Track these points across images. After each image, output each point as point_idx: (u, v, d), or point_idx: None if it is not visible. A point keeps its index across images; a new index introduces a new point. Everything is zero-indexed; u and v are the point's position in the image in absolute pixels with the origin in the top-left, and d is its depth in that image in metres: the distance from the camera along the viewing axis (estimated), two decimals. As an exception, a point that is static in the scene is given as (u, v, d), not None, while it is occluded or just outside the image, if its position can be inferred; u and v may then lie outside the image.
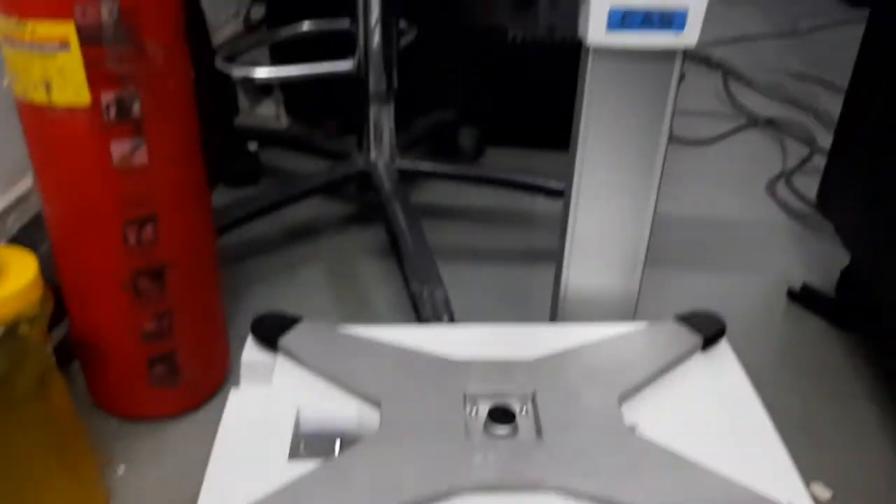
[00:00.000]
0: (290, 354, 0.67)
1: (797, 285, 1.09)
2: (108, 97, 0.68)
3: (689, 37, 0.65)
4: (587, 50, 0.68)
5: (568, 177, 0.75)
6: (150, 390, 0.81)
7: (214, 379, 0.87)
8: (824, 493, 0.79)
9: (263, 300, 1.04)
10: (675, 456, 0.56)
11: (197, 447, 0.56)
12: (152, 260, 0.75)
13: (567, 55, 0.69)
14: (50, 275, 0.70)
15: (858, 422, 0.89)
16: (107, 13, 0.66)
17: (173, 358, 0.80)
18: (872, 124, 0.96)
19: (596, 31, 0.64)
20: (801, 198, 1.34)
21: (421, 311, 0.90)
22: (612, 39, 0.65)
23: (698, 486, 0.54)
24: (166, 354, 0.80)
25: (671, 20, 0.63)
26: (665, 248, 1.19)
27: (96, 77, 0.67)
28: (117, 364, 0.80)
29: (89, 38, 0.66)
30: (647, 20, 0.63)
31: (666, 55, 0.68)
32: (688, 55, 0.66)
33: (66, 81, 0.67)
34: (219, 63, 1.07)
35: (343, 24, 1.10)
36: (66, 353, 0.83)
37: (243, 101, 1.52)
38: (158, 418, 0.84)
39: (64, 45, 0.66)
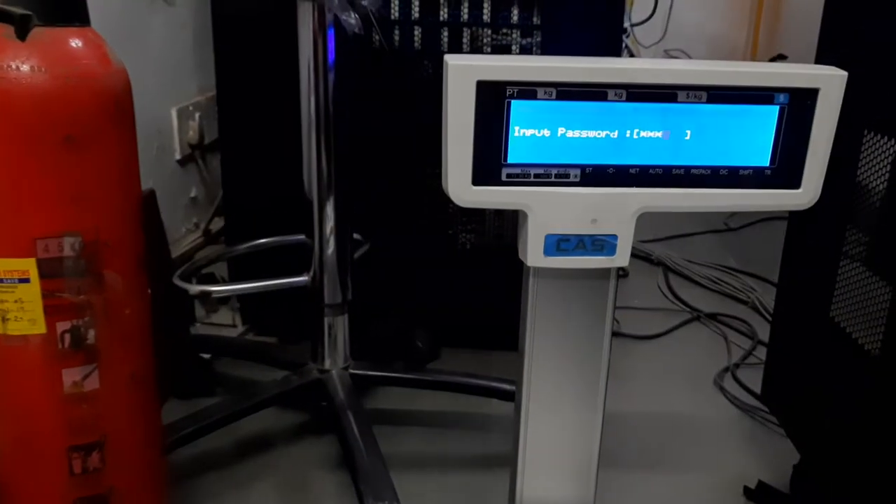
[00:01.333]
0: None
1: (752, 482, 1.10)
2: (63, 326, 0.70)
3: (620, 259, 0.69)
4: (528, 269, 0.72)
5: (518, 391, 0.77)
6: None
7: None
8: None
9: (213, 520, 1.01)
10: None
11: None
12: (98, 487, 0.74)
13: (515, 258, 0.74)
14: (-11, 510, 0.68)
15: None
16: (69, 247, 0.69)
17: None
18: (802, 327, 1.01)
19: (534, 255, 0.69)
20: (749, 391, 1.38)
21: (375, 532, 0.87)
22: (550, 262, 0.69)
23: None
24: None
25: (602, 245, 0.68)
26: (619, 449, 1.19)
27: (53, 308, 0.69)
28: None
29: (50, 272, 0.68)
30: (581, 245, 0.68)
31: (602, 272, 0.73)
32: (630, 253, 0.70)
33: (24, 312, 0.69)
34: (177, 280, 1.10)
35: (297, 238, 1.15)
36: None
37: (200, 310, 1.54)
38: None
39: (24, 278, 0.68)
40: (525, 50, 1.31)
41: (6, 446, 0.74)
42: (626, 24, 2.49)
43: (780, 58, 2.95)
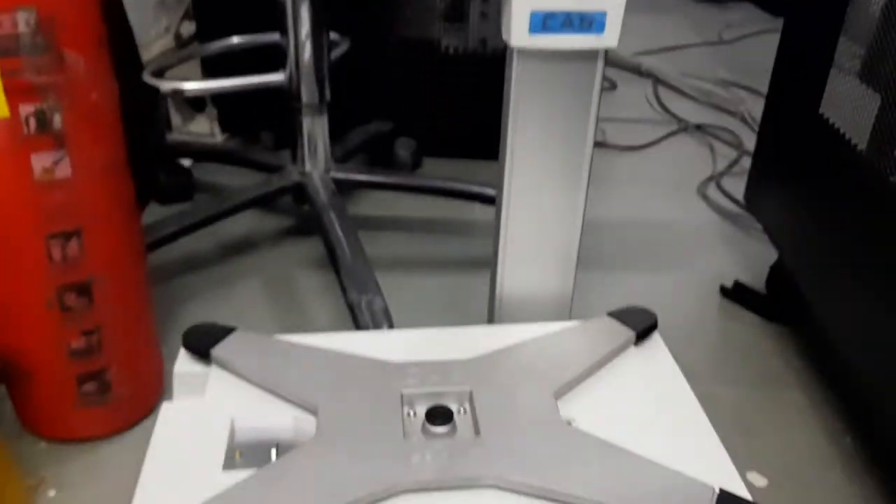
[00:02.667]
0: (223, 365, 0.66)
1: (729, 282, 1.12)
2: (26, 109, 0.67)
3: (609, 39, 0.66)
4: (512, 52, 0.69)
5: (499, 179, 0.76)
6: (80, 410, 0.79)
7: (148, 398, 0.85)
8: (760, 480, 0.81)
9: (199, 316, 1.02)
10: (610, 446, 0.57)
11: (130, 467, 0.55)
12: (78, 275, 0.74)
13: (500, 65, 0.70)
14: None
15: (790, 410, 0.91)
16: (24, 23, 0.65)
17: (104, 376, 0.78)
18: (790, 126, 1.00)
19: (518, 34, 0.65)
20: (731, 199, 1.38)
21: (359, 321, 0.89)
22: (535, 42, 0.66)
23: (633, 473, 0.55)
24: (96, 372, 0.78)
25: (591, 23, 0.65)
26: (599, 251, 1.21)
27: (14, 89, 0.66)
28: (45, 384, 0.77)
29: (6, 50, 0.64)
30: (568, 23, 0.65)
31: (589, 55, 0.69)
32: (619, 64, 0.67)
33: (-17, 94, 0.65)
34: (147, 77, 1.05)
35: (273, 37, 1.10)
36: (-10, 376, 0.80)
37: (176, 118, 1.50)
38: (90, 439, 0.81)
39: (-21, 56, 0.64)
40: None
41: (-17, 237, 0.73)
42: None
43: None
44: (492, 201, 1.19)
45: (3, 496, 0.69)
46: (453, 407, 0.62)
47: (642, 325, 0.71)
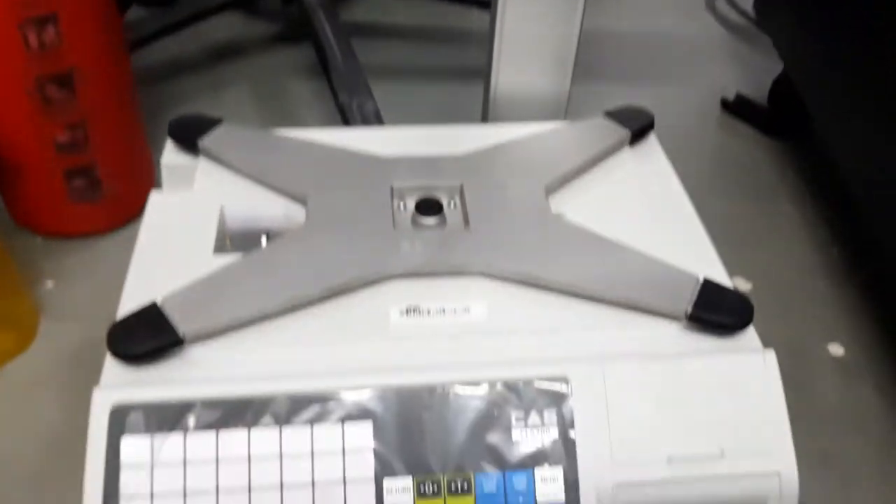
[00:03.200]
0: (212, 156, 0.65)
1: (731, 96, 1.09)
2: None
3: None
4: None
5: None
6: (71, 205, 0.79)
7: (140, 197, 0.83)
8: (745, 284, 0.82)
9: (188, 120, 1.00)
10: (598, 237, 0.57)
11: (125, 261, 0.55)
12: (58, 65, 0.71)
13: None
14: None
15: (780, 223, 0.92)
16: None
17: (92, 171, 0.77)
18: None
19: None
20: (740, 11, 1.32)
21: (350, 123, 0.87)
22: None
23: (619, 262, 0.55)
24: (84, 167, 0.77)
25: None
26: (600, 61, 1.17)
27: None
28: (34, 178, 0.77)
29: None
30: None
31: None
32: None
33: None
34: None
35: None
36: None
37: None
38: (84, 235, 0.82)
39: None
40: None
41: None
42: None
43: None
44: (488, 5, 1.13)
45: (1, 286, 0.71)
46: (444, 200, 0.62)
47: (637, 125, 0.70)
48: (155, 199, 0.62)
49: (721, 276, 0.56)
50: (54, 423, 0.64)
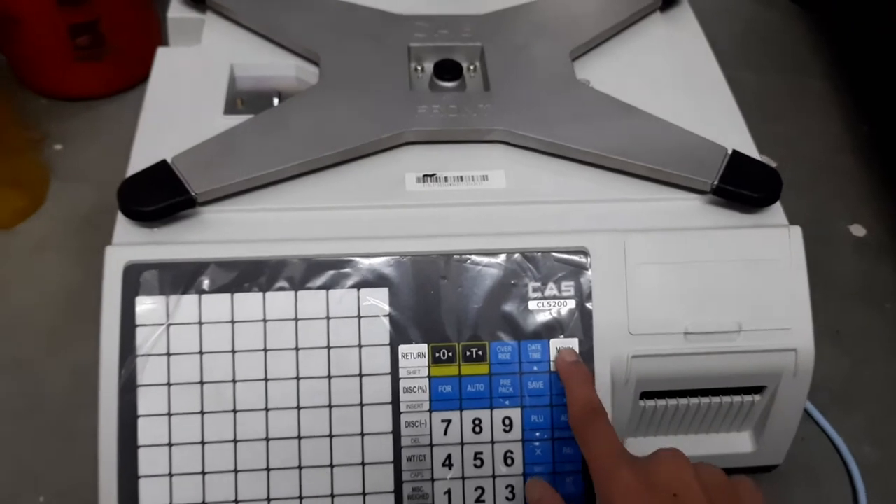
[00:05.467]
0: (221, 11, 0.62)
1: (767, -37, 1.03)
2: None
3: None
4: None
5: None
6: (76, 65, 0.76)
7: (147, 58, 0.81)
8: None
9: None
10: (624, 105, 0.55)
11: (133, 125, 0.53)
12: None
13: None
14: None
15: (811, 98, 0.88)
16: None
17: (96, 27, 0.74)
18: None
19: None
20: None
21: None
22: None
23: (646, 130, 0.53)
24: (88, 23, 0.73)
25: None
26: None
27: None
28: (36, 35, 0.74)
29: None
30: None
31: None
32: None
33: None
34: None
35: None
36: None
37: None
38: (90, 98, 0.79)
39: None
40: None
41: None
42: None
43: None
44: None
45: (8, 147, 0.69)
46: (463, 63, 0.59)
47: (670, -12, 0.66)
48: (162, 57, 0.59)
49: (750, 149, 0.54)
50: (69, 282, 0.64)
